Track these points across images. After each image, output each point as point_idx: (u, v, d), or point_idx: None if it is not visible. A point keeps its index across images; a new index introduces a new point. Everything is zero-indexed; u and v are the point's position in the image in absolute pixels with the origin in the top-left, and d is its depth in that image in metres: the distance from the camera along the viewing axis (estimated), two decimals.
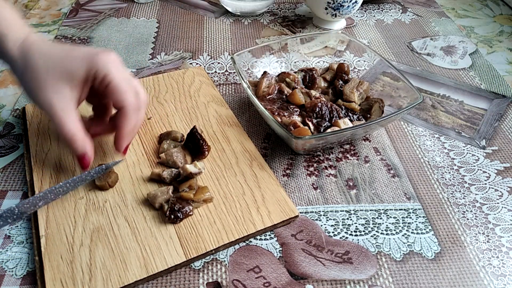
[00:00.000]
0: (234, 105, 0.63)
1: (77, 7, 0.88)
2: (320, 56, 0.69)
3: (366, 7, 0.90)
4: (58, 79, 0.44)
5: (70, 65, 0.44)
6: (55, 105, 0.44)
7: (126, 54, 0.74)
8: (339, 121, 0.53)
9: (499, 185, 0.53)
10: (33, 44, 0.45)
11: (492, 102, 0.65)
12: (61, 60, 0.44)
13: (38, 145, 0.54)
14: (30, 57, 0.44)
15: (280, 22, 0.85)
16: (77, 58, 0.44)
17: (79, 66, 0.44)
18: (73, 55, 0.45)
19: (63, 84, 0.44)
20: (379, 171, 0.54)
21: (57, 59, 0.44)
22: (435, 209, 0.50)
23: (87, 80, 0.45)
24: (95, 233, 0.44)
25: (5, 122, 0.60)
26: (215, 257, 0.44)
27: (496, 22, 0.88)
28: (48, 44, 0.45)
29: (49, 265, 0.41)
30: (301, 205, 0.50)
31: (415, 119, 0.62)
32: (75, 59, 0.44)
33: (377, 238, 0.46)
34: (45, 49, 0.45)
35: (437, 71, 0.72)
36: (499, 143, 0.58)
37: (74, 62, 0.44)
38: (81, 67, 0.44)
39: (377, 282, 0.42)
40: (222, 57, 0.74)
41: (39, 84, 0.44)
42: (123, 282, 0.40)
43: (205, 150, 0.52)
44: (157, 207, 0.46)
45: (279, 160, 0.55)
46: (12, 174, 0.52)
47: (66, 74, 0.44)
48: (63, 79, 0.44)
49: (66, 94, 0.44)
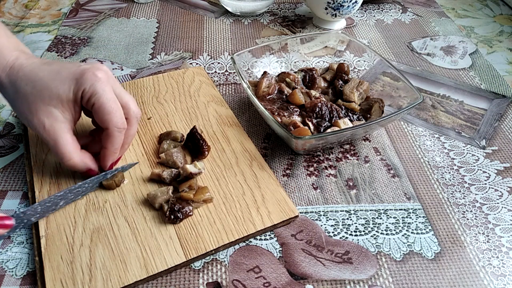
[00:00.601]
0: (234, 105, 0.63)
1: (77, 7, 0.88)
2: (320, 56, 0.69)
3: (366, 7, 0.90)
4: (48, 104, 0.44)
5: (57, 88, 0.44)
6: (48, 128, 0.44)
7: (126, 54, 0.74)
8: (339, 121, 0.53)
9: (499, 185, 0.53)
10: (20, 69, 0.45)
11: (492, 102, 0.65)
12: (48, 84, 0.44)
13: (38, 145, 0.54)
14: (19, 85, 0.44)
15: (280, 22, 0.85)
16: (64, 79, 0.44)
17: (66, 88, 0.44)
18: (60, 77, 0.44)
19: (53, 108, 0.44)
20: (379, 171, 0.54)
21: (45, 83, 0.44)
22: (435, 209, 0.50)
23: (76, 101, 0.45)
24: (95, 233, 0.44)
25: (5, 122, 0.60)
26: (215, 257, 0.44)
27: (496, 22, 0.88)
28: (36, 67, 0.45)
29: (49, 265, 0.41)
30: (301, 205, 0.50)
31: (415, 119, 0.62)
32: (62, 81, 0.44)
33: (377, 238, 0.46)
34: (32, 74, 0.44)
35: (437, 71, 0.72)
36: (499, 143, 0.58)
37: (61, 85, 0.44)
38: (68, 89, 0.44)
39: (377, 282, 0.42)
40: (222, 57, 0.74)
41: (30, 110, 0.44)
42: (123, 283, 0.40)
43: (205, 150, 0.52)
44: (157, 207, 0.46)
45: (279, 160, 0.55)
46: (12, 174, 0.52)
47: (55, 98, 0.44)
48: (52, 103, 0.44)
49: (58, 117, 0.44)
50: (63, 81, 0.44)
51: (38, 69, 0.45)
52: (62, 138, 0.44)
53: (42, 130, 0.44)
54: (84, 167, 0.47)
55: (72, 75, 0.44)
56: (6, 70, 0.45)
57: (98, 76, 0.44)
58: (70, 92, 0.44)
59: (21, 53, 0.46)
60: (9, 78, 0.45)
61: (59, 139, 0.44)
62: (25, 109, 0.44)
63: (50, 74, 0.44)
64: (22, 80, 0.44)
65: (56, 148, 0.44)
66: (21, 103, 0.44)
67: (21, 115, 0.45)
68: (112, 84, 0.46)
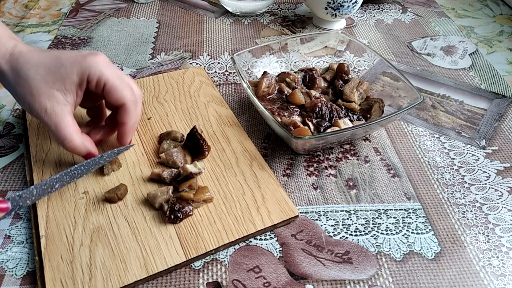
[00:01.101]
0: (234, 105, 0.63)
1: (77, 7, 0.88)
2: (320, 56, 0.69)
3: (366, 7, 0.90)
4: (51, 87, 0.44)
5: (61, 71, 0.44)
6: (50, 111, 0.44)
7: (126, 54, 0.74)
8: (339, 121, 0.53)
9: (499, 185, 0.53)
10: (21, 56, 0.45)
11: (492, 102, 0.65)
12: (51, 68, 0.44)
13: (38, 145, 0.54)
14: (20, 69, 0.44)
15: (280, 22, 0.85)
16: (67, 63, 0.44)
17: (70, 71, 0.44)
18: (62, 61, 0.45)
19: (55, 91, 0.44)
20: (379, 171, 0.54)
21: (47, 67, 0.44)
22: (435, 209, 0.50)
23: (81, 84, 0.45)
24: (95, 233, 0.44)
25: (5, 122, 0.60)
26: (215, 257, 0.44)
27: (496, 22, 0.88)
28: (36, 54, 0.45)
29: (49, 265, 0.41)
30: (301, 205, 0.50)
31: (415, 119, 0.62)
32: (65, 65, 0.44)
33: (377, 238, 0.46)
34: (33, 59, 0.45)
35: (437, 71, 0.72)
36: (499, 143, 0.58)
37: (64, 69, 0.44)
38: (72, 72, 0.44)
39: (377, 282, 0.42)
40: (222, 57, 0.74)
41: (32, 93, 0.44)
42: (123, 282, 0.40)
43: (205, 150, 0.52)
44: (157, 207, 0.46)
45: (279, 160, 0.55)
46: (12, 174, 0.52)
47: (59, 81, 0.44)
48: (55, 86, 0.44)
49: (59, 100, 0.45)
50: (66, 65, 0.44)
51: (39, 55, 0.45)
52: (63, 120, 0.45)
53: (44, 113, 0.44)
54: (85, 150, 0.47)
55: (75, 59, 0.45)
56: (6, 57, 0.45)
57: (100, 59, 0.45)
58: (73, 75, 0.44)
59: (18, 42, 0.47)
60: (9, 64, 0.45)
61: (60, 121, 0.45)
62: (26, 93, 0.44)
63: (52, 59, 0.45)
64: (24, 66, 0.44)
65: (57, 131, 0.45)
66: (22, 87, 0.44)
67: (22, 99, 0.45)
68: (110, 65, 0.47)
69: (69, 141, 0.45)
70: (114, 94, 0.46)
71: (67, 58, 0.45)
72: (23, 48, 0.46)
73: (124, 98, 0.47)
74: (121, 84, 0.46)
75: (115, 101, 0.47)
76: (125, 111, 0.47)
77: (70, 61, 0.45)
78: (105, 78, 0.45)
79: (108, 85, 0.45)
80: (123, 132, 0.49)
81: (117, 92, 0.46)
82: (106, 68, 0.45)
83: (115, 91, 0.46)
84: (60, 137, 0.45)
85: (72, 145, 0.46)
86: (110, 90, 0.46)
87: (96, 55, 0.46)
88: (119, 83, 0.46)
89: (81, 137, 0.46)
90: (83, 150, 0.47)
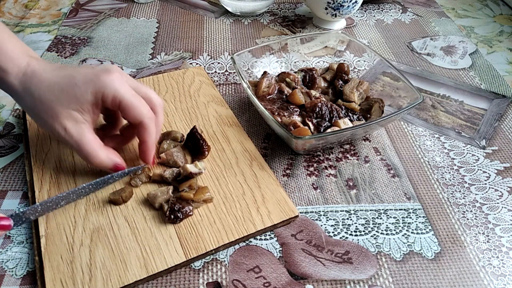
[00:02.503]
0: (234, 105, 0.63)
1: (77, 7, 0.88)
2: (320, 56, 0.69)
3: (366, 7, 0.90)
4: (67, 107, 0.44)
5: (75, 91, 0.44)
6: (70, 131, 0.44)
7: (126, 54, 0.74)
8: (339, 121, 0.53)
9: (499, 185, 0.53)
10: (34, 76, 0.45)
11: (492, 102, 0.65)
12: (65, 88, 0.44)
13: (38, 145, 0.54)
14: (34, 91, 0.44)
15: (280, 22, 0.85)
16: (81, 83, 0.44)
17: (84, 91, 0.44)
18: (76, 81, 0.44)
19: (72, 111, 0.44)
20: (379, 171, 0.54)
21: (61, 88, 0.44)
22: (435, 209, 0.50)
23: (96, 103, 0.45)
24: (95, 233, 0.44)
25: (5, 122, 0.60)
26: (215, 257, 0.44)
27: (496, 22, 0.88)
28: (49, 73, 0.45)
29: (49, 265, 0.41)
30: (301, 205, 0.50)
31: (415, 119, 0.62)
32: (79, 84, 0.44)
33: (377, 238, 0.46)
34: (47, 79, 0.44)
35: (437, 71, 0.72)
36: (499, 143, 0.58)
37: (78, 89, 0.44)
38: (86, 92, 0.44)
39: (377, 282, 0.42)
40: (222, 57, 0.74)
41: (51, 116, 0.44)
42: (123, 282, 0.40)
43: (205, 150, 0.52)
44: (157, 207, 0.46)
45: (279, 160, 0.55)
46: (12, 174, 0.52)
47: (73, 101, 0.44)
48: (71, 106, 0.44)
49: (78, 119, 0.45)
50: (79, 84, 0.44)
51: (52, 75, 0.45)
52: (84, 137, 0.45)
53: (64, 133, 0.44)
54: (112, 163, 0.47)
55: (87, 77, 0.44)
56: (19, 77, 0.45)
57: (113, 76, 0.45)
58: (88, 95, 0.44)
59: (31, 58, 0.46)
60: (23, 86, 0.45)
61: (82, 139, 0.45)
62: (45, 115, 0.44)
63: (65, 78, 0.44)
64: (38, 87, 0.44)
65: (80, 149, 0.45)
66: (40, 109, 0.44)
67: (41, 121, 0.45)
68: (126, 80, 0.46)
69: (93, 157, 0.45)
70: (131, 112, 0.45)
71: (80, 77, 0.44)
72: (36, 66, 0.45)
73: (141, 115, 0.46)
74: (137, 101, 0.45)
75: (132, 119, 0.46)
76: (143, 128, 0.47)
77: (84, 80, 0.44)
78: (120, 96, 0.44)
79: (123, 104, 0.45)
80: (144, 150, 0.48)
81: (133, 110, 0.45)
82: (121, 86, 0.45)
83: (131, 109, 0.45)
84: (84, 155, 0.45)
85: (97, 160, 0.46)
86: (126, 108, 0.45)
87: (109, 73, 0.45)
88: (135, 101, 0.45)
89: (105, 151, 0.46)
90: (110, 164, 0.47)
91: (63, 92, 0.44)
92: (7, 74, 0.45)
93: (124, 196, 0.47)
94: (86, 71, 0.45)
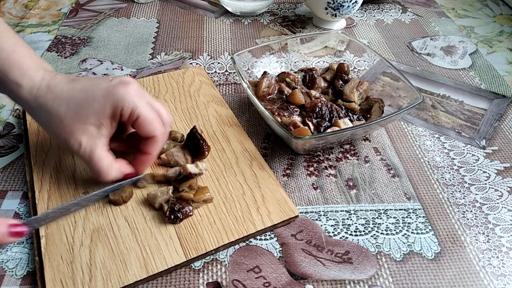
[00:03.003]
0: (234, 105, 0.63)
1: (77, 7, 0.88)
2: (320, 56, 0.69)
3: (366, 7, 0.90)
4: (85, 122, 0.44)
5: (94, 106, 0.43)
6: (84, 146, 0.44)
7: (126, 54, 0.74)
8: (339, 121, 0.53)
9: (499, 185, 0.53)
10: (49, 91, 0.44)
11: (492, 102, 0.65)
12: (83, 103, 0.44)
13: (38, 145, 0.54)
14: (51, 107, 0.44)
15: (280, 22, 0.85)
16: (99, 96, 0.44)
17: (102, 105, 0.44)
18: (94, 94, 0.44)
19: (89, 125, 0.44)
20: (379, 171, 0.54)
21: (78, 102, 0.44)
22: (435, 209, 0.50)
23: (114, 117, 0.45)
24: (95, 233, 0.44)
25: (5, 122, 0.60)
26: (215, 257, 0.44)
27: (496, 22, 0.88)
28: (64, 86, 0.44)
29: (49, 265, 0.41)
30: (301, 205, 0.50)
31: (415, 119, 0.62)
32: (97, 98, 0.44)
33: (377, 238, 0.46)
34: (63, 93, 0.44)
35: (437, 71, 0.72)
36: (499, 143, 0.58)
37: (97, 102, 0.44)
38: (103, 106, 0.44)
39: (377, 282, 0.42)
40: (222, 57, 0.74)
41: (67, 131, 0.44)
42: (123, 282, 0.40)
43: (205, 150, 0.52)
44: (157, 207, 0.46)
45: (279, 160, 0.55)
46: (12, 174, 0.52)
47: (92, 116, 0.44)
48: (89, 121, 0.44)
49: (93, 134, 0.44)
50: (98, 98, 0.44)
51: (67, 88, 0.44)
52: (97, 154, 0.44)
53: (78, 148, 0.44)
54: (122, 175, 0.47)
55: (104, 91, 0.44)
56: (33, 92, 0.44)
57: (132, 90, 0.44)
58: (106, 109, 0.44)
59: (45, 72, 0.45)
60: (38, 101, 0.44)
61: (93, 156, 0.44)
62: (61, 130, 0.44)
63: (81, 93, 0.44)
64: (54, 102, 0.44)
65: (92, 165, 0.45)
66: (56, 125, 0.44)
67: (56, 136, 0.45)
68: (142, 95, 0.46)
69: (104, 176, 0.45)
70: (145, 127, 0.45)
71: (98, 90, 0.44)
72: (51, 81, 0.45)
73: (155, 131, 0.46)
74: (153, 117, 0.45)
75: (146, 133, 0.46)
76: (154, 143, 0.47)
77: (102, 93, 0.44)
78: (139, 111, 0.44)
79: (141, 119, 0.45)
80: (145, 161, 0.48)
81: (149, 126, 0.45)
82: (140, 100, 0.45)
83: (147, 125, 0.45)
84: (95, 171, 0.45)
85: (107, 179, 0.46)
86: (143, 124, 0.45)
87: (127, 85, 0.44)
88: (152, 116, 0.45)
89: (116, 167, 0.46)
90: (120, 177, 0.47)
91: (80, 106, 0.43)
92: (21, 88, 0.44)
93: (124, 196, 0.47)
94: (103, 84, 0.45)
